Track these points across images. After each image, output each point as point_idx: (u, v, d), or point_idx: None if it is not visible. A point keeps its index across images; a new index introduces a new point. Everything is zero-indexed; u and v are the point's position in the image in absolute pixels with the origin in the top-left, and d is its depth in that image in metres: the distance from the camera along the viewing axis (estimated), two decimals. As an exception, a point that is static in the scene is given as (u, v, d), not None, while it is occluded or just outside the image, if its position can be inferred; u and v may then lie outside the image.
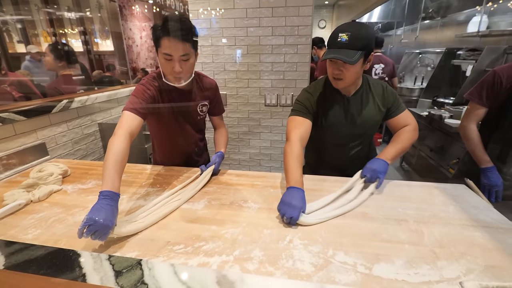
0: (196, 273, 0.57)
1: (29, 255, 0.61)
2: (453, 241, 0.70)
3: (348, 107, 1.06)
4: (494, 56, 2.40)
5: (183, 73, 0.99)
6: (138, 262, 0.58)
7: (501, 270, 0.60)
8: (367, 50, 0.91)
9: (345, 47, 0.89)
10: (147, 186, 1.04)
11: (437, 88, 3.19)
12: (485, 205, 0.88)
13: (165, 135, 1.20)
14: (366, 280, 0.59)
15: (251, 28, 1.94)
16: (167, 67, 0.99)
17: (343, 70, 0.93)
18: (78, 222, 0.80)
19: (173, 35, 0.93)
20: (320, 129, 1.10)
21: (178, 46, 0.94)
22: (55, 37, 4.07)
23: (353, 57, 0.88)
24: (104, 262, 0.59)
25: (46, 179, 1.04)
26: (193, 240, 0.72)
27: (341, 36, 0.90)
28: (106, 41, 4.48)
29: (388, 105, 1.07)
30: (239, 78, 2.10)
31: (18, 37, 3.95)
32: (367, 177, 0.96)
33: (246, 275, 0.58)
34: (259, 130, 2.22)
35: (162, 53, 0.96)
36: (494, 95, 1.12)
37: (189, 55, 0.98)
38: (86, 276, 0.56)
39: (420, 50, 3.91)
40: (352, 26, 0.92)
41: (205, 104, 1.19)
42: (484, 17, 2.52)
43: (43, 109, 1.43)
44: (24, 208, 0.89)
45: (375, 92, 1.06)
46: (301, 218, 0.78)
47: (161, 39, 0.94)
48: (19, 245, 0.64)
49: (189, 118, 1.18)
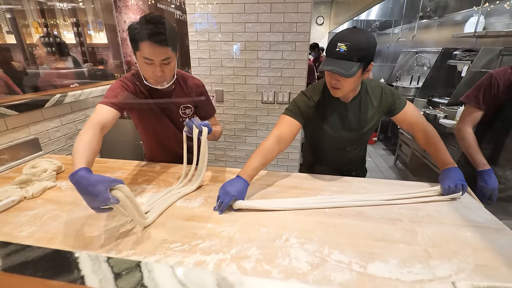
0: (195, 275, 0.57)
1: (26, 257, 0.60)
2: (446, 241, 0.72)
3: (346, 114, 1.05)
4: (489, 57, 2.43)
5: (164, 76, 0.97)
6: (137, 264, 0.57)
7: (490, 269, 0.62)
8: (366, 61, 0.88)
9: (343, 58, 0.86)
10: (142, 183, 1.03)
11: (433, 88, 3.22)
12: (477, 206, 0.90)
13: (148, 133, 1.19)
14: (361, 278, 0.60)
15: (249, 24, 1.92)
16: (148, 71, 0.96)
17: (340, 81, 0.91)
18: (73, 220, 0.80)
19: (153, 40, 0.88)
20: (318, 133, 1.11)
21: (159, 50, 0.90)
22: (46, 28, 3.97)
23: (351, 69, 0.85)
24: (102, 264, 0.58)
25: (40, 175, 1.02)
26: (189, 238, 0.72)
27: (340, 46, 0.86)
28: (99, 33, 4.39)
29: (388, 106, 1.06)
30: (236, 74, 2.08)
31: (7, 28, 3.85)
32: (451, 188, 0.91)
33: (245, 277, 0.58)
34: (256, 127, 2.22)
35: (142, 57, 0.92)
36: (491, 99, 1.13)
37: (170, 58, 0.95)
38: (84, 279, 0.55)
39: (417, 49, 3.93)
40: (351, 35, 0.86)
41: (189, 106, 1.15)
42: (481, 18, 2.54)
43: (35, 104, 1.40)
44: (17, 205, 0.88)
45: (373, 96, 1.05)
46: (237, 202, 0.85)
47: (140, 42, 0.90)
48: (15, 246, 0.62)
49: (172, 119, 1.15)
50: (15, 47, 3.62)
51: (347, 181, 1.06)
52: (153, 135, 1.19)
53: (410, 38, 4.12)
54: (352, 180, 1.08)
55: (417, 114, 1.06)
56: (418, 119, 1.05)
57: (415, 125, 1.06)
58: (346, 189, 1.00)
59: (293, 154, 2.25)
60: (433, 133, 1.03)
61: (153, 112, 1.10)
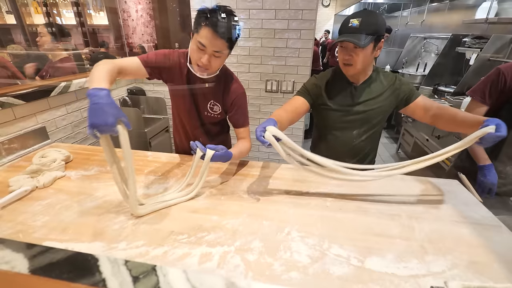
0: (208, 280, 0.58)
1: (50, 258, 0.61)
2: (442, 237, 0.75)
3: (355, 95, 1.08)
4: (499, 45, 2.36)
5: (209, 66, 0.97)
6: (153, 268, 0.59)
7: (483, 266, 0.65)
8: (377, 35, 0.95)
9: (356, 31, 0.93)
10: (149, 174, 1.06)
11: (439, 75, 3.16)
12: (475, 202, 0.92)
13: (174, 111, 1.23)
14: (358, 272, 0.63)
15: (254, 10, 1.87)
16: (196, 56, 0.96)
17: (353, 55, 0.96)
18: (84, 210, 0.83)
19: (216, 29, 0.89)
20: (325, 114, 1.13)
21: (215, 41, 0.91)
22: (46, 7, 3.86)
23: (364, 40, 0.92)
24: (121, 267, 0.60)
25: (50, 165, 1.05)
26: (196, 230, 0.76)
27: (352, 21, 0.94)
28: (99, 13, 4.27)
29: (404, 93, 1.06)
30: (240, 62, 2.06)
31: (6, 7, 3.76)
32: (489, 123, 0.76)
33: (256, 283, 0.59)
34: (259, 116, 2.22)
35: (197, 40, 0.92)
36: (497, 94, 1.12)
37: (222, 52, 0.95)
38: (106, 281, 0.57)
39: (425, 34, 3.81)
40: (363, 12, 0.96)
41: (217, 104, 1.14)
42: (494, 3, 2.44)
43: (41, 93, 1.41)
44: (30, 195, 0.92)
45: (386, 83, 1.08)
46: (271, 129, 0.81)
47: (201, 27, 0.90)
48: (40, 248, 0.64)
49: (198, 107, 1.15)
50: (15, 28, 3.57)
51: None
52: (178, 117, 1.22)
53: (419, 23, 3.99)
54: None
55: (431, 103, 1.05)
56: (435, 104, 1.03)
57: (437, 109, 1.01)
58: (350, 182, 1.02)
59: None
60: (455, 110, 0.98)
61: (183, 94, 1.12)
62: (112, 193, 0.92)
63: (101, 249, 0.68)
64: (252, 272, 0.62)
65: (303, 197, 0.94)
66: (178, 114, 1.22)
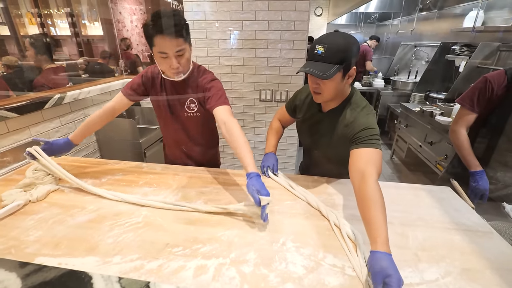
0: None
1: (44, 277, 0.61)
2: (435, 245, 0.76)
3: (319, 123, 1.03)
4: (487, 53, 2.43)
5: (180, 68, 1.02)
6: (147, 285, 0.60)
7: (475, 273, 0.66)
8: (345, 64, 0.84)
9: (321, 60, 0.84)
10: (144, 186, 1.06)
11: (430, 82, 3.22)
12: (467, 208, 0.93)
13: (160, 123, 1.28)
14: (353, 282, 0.63)
15: (247, 21, 1.91)
16: (164, 65, 1.01)
17: (320, 84, 0.88)
18: (78, 224, 0.83)
19: (166, 32, 0.93)
20: (299, 124, 1.15)
21: (172, 43, 0.95)
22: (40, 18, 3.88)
23: (327, 71, 0.82)
24: (115, 284, 0.60)
25: (43, 178, 1.05)
26: (191, 242, 0.76)
27: (318, 48, 0.84)
28: (94, 23, 4.30)
29: (350, 134, 0.92)
30: (234, 72, 2.08)
31: (0, 19, 3.76)
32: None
33: None
34: (254, 125, 2.24)
35: (157, 52, 0.97)
36: (485, 102, 1.15)
37: (184, 49, 0.99)
38: None
39: (415, 42, 3.91)
40: (330, 37, 0.84)
41: (193, 101, 1.15)
42: (480, 12, 2.52)
43: (35, 105, 1.41)
44: (22, 209, 0.91)
45: (350, 114, 0.95)
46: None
47: (154, 37, 0.94)
48: (33, 266, 0.64)
49: (177, 112, 1.17)
50: (9, 39, 3.56)
51: (342, 183, 1.09)
52: (162, 126, 1.28)
53: (409, 31, 4.09)
54: (347, 182, 1.10)
55: (372, 162, 0.81)
56: (369, 167, 0.80)
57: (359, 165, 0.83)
58: (341, 190, 1.03)
59: (290, 152, 2.28)
60: (372, 194, 0.73)
61: (162, 102, 1.17)
62: (105, 206, 0.91)
63: (95, 264, 0.67)
64: (247, 285, 0.62)
65: (297, 207, 0.94)
66: (162, 126, 1.28)
